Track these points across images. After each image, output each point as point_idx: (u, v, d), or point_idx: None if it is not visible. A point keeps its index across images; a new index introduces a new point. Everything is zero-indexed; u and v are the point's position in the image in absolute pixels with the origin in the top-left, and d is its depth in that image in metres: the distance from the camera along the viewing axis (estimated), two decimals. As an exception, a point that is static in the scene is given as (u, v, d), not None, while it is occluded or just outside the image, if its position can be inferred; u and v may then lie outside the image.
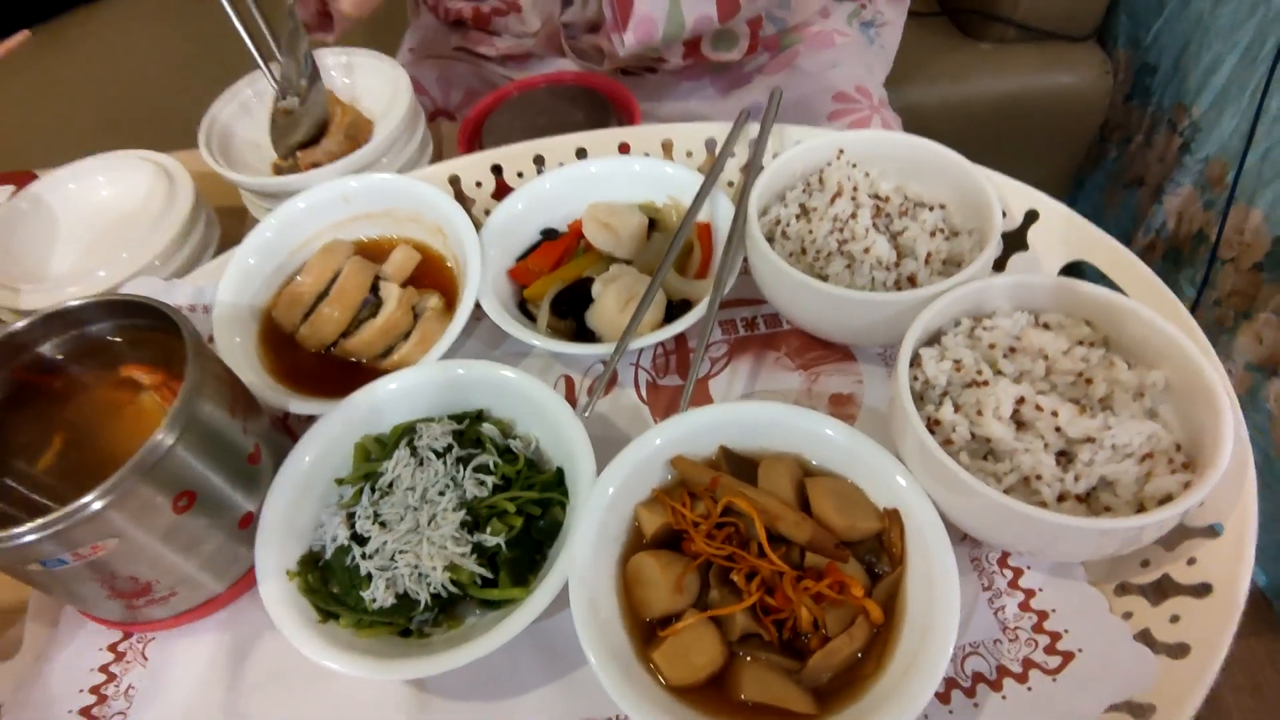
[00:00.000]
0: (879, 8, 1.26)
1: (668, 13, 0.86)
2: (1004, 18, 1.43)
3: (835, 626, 0.48)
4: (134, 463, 0.46)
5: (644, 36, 0.87)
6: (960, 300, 0.56)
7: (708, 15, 0.89)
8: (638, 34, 0.87)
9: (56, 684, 0.53)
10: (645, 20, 0.86)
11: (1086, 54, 1.45)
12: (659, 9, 0.85)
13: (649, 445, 0.55)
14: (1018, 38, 1.45)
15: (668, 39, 0.89)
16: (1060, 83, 1.46)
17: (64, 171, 0.78)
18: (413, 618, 0.52)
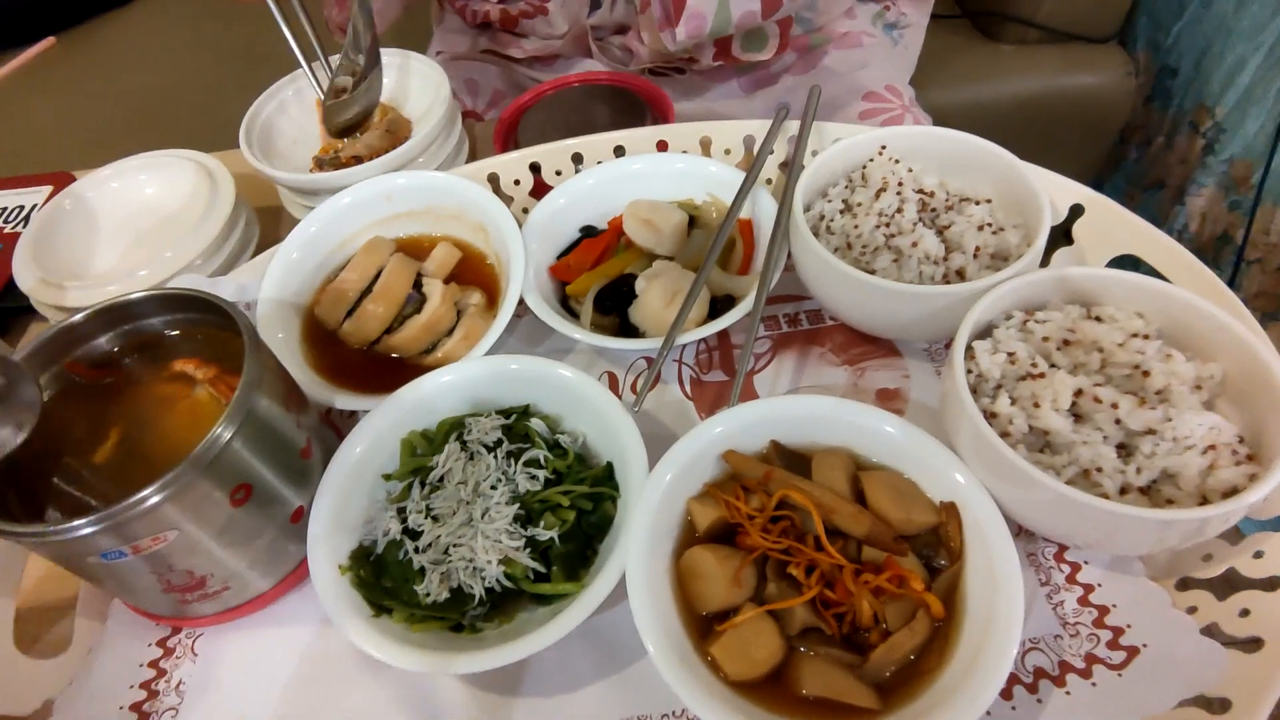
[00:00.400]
0: (902, 9, 1.26)
1: (716, 9, 0.88)
2: (1025, 19, 1.43)
3: (896, 621, 0.47)
4: (194, 456, 0.46)
5: (694, 31, 0.90)
6: (1012, 293, 0.56)
7: (752, 11, 0.91)
8: (688, 28, 0.90)
9: (107, 679, 0.53)
10: (695, 15, 0.88)
11: (1109, 55, 1.45)
12: (709, 5, 0.88)
13: (701, 439, 0.54)
14: (1039, 39, 1.45)
15: (715, 33, 0.92)
16: (1082, 84, 1.46)
17: (107, 170, 0.79)
18: (465, 612, 0.52)
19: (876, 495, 0.51)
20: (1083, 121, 1.51)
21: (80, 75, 1.71)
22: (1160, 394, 0.51)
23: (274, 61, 0.88)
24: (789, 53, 1.13)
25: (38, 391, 0.45)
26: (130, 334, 0.54)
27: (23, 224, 0.86)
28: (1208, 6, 1.38)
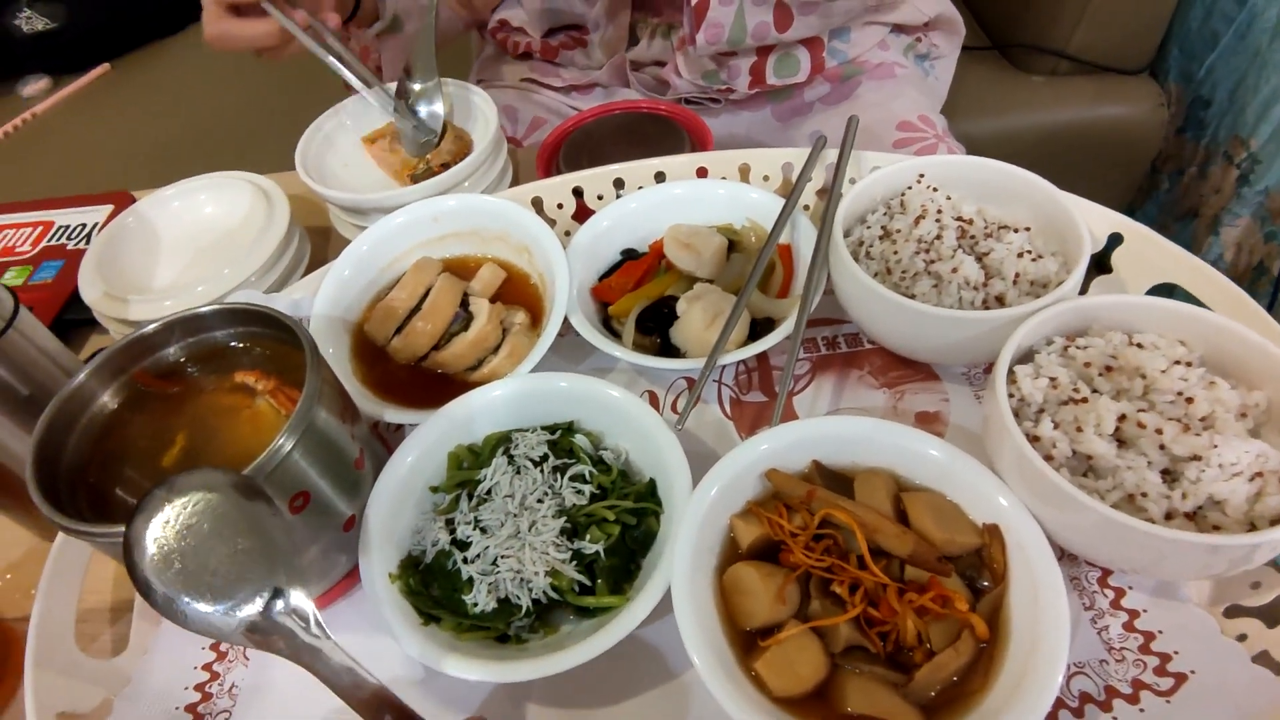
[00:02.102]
0: (934, 41, 1.28)
1: (733, 20, 0.96)
2: (1056, 51, 1.45)
3: (940, 641, 0.48)
4: (258, 464, 0.47)
5: (713, 38, 0.97)
6: (1053, 319, 0.57)
7: (765, 23, 0.97)
8: (707, 35, 0.96)
9: (164, 680, 0.55)
10: (714, 24, 0.95)
11: (1140, 86, 1.46)
12: (726, 16, 0.95)
13: (744, 457, 0.55)
14: (1070, 71, 1.47)
15: (732, 43, 0.98)
16: (1113, 115, 1.46)
17: (170, 190, 0.83)
18: (511, 623, 0.53)
19: (919, 515, 0.52)
20: (1114, 152, 1.51)
21: (134, 100, 1.78)
22: (1205, 420, 0.51)
23: (322, 87, 0.92)
24: (823, 83, 1.15)
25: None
26: (196, 345, 0.56)
27: (84, 241, 0.89)
28: (1242, 38, 1.38)
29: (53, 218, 0.92)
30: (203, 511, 0.42)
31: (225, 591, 0.42)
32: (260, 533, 0.43)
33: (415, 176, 0.87)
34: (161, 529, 0.41)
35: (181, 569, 0.41)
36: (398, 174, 0.90)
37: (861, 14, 1.12)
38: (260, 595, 0.42)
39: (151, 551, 0.41)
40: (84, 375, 0.52)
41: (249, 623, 0.42)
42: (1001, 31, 1.56)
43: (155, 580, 0.41)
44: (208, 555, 0.42)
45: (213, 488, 0.43)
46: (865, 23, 1.15)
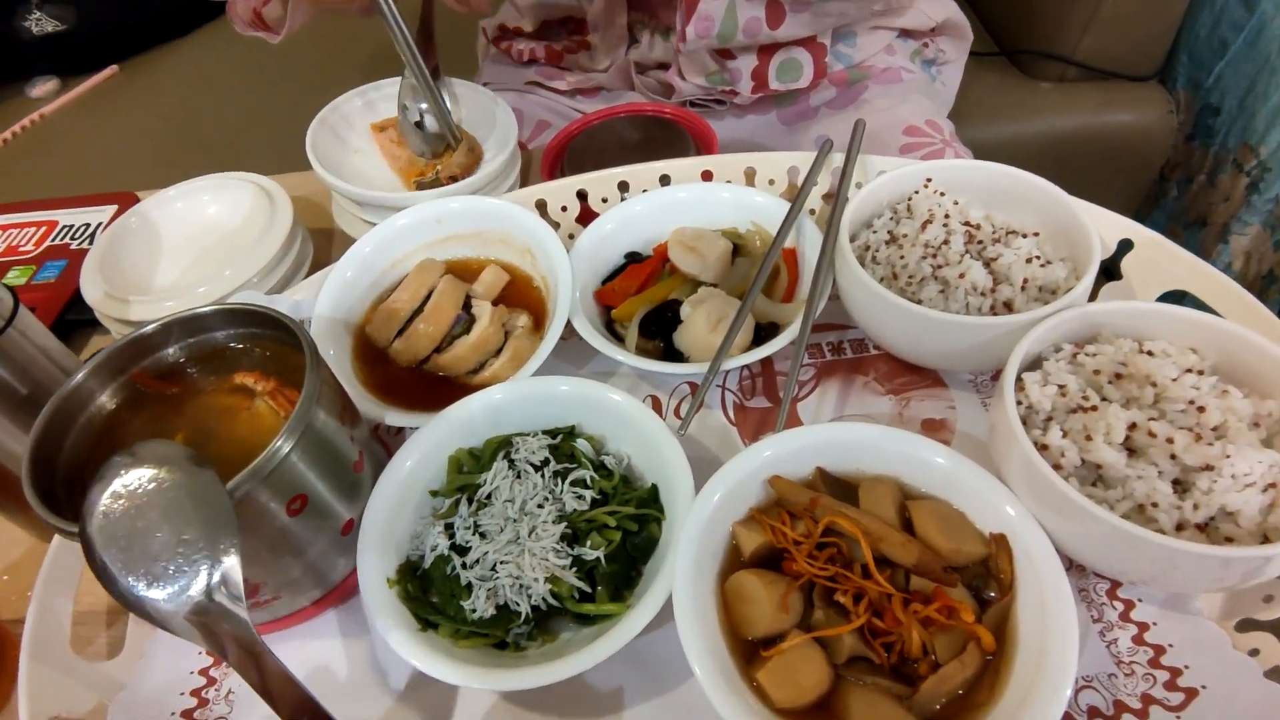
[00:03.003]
0: (941, 46, 1.27)
1: (724, 13, 0.96)
2: (1064, 58, 1.44)
3: (945, 652, 0.47)
4: (255, 466, 0.47)
5: (703, 31, 0.97)
6: (1062, 325, 0.56)
7: (757, 18, 0.97)
8: (697, 28, 0.96)
9: (160, 685, 0.54)
10: (704, 17, 0.96)
11: (1149, 93, 1.45)
12: (717, 10, 0.96)
13: (747, 464, 0.55)
14: (1078, 77, 1.46)
15: (723, 37, 0.98)
16: (1122, 122, 1.46)
17: (173, 191, 0.82)
18: (510, 630, 0.52)
19: (925, 524, 0.51)
20: (1122, 159, 1.50)
21: (141, 101, 1.78)
22: (1217, 430, 0.51)
23: (326, 89, 0.91)
24: (829, 87, 1.14)
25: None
26: (196, 346, 0.56)
27: (88, 241, 0.89)
28: (1252, 46, 1.38)
29: (57, 218, 0.92)
30: (154, 491, 0.42)
31: (166, 578, 0.42)
32: (203, 510, 0.43)
33: (421, 184, 0.87)
34: (110, 507, 0.42)
35: (128, 550, 0.41)
36: (403, 170, 0.89)
37: (865, 18, 1.11)
38: (199, 582, 0.42)
39: (100, 526, 0.41)
40: (82, 375, 0.52)
41: (194, 605, 0.42)
42: (1009, 38, 1.55)
43: (108, 561, 0.41)
44: (152, 538, 0.42)
45: (168, 462, 0.43)
46: (872, 27, 1.14)
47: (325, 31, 1.76)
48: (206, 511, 0.43)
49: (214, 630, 0.41)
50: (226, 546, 0.42)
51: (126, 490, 0.42)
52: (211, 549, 0.42)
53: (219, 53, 1.92)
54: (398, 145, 0.90)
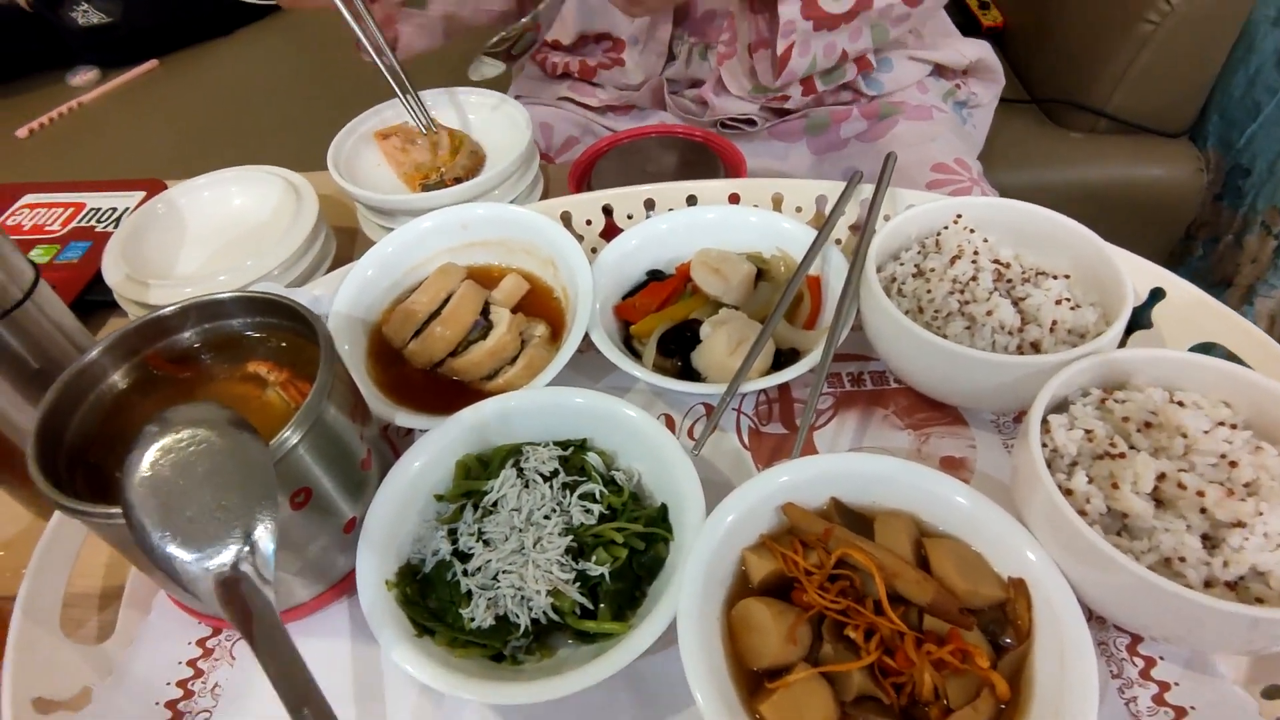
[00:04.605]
0: (973, 89, 1.28)
1: (812, 60, 0.99)
2: (1096, 109, 1.44)
3: (958, 698, 0.45)
4: (262, 454, 0.46)
5: (789, 76, 1.01)
6: (1091, 369, 0.55)
7: (834, 43, 0.99)
8: (785, 78, 1.00)
9: (146, 674, 0.53)
10: (791, 72, 0.99)
11: (1179, 150, 1.45)
12: (802, 64, 0.99)
13: (761, 488, 0.53)
14: (1109, 129, 1.46)
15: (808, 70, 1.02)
16: (1151, 176, 1.45)
17: (202, 180, 0.83)
18: (508, 642, 0.51)
19: (942, 563, 0.50)
20: (1149, 214, 1.49)
21: (177, 96, 1.82)
22: (1249, 486, 0.49)
23: (357, 97, 0.92)
24: (859, 119, 1.15)
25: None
26: (212, 332, 0.55)
27: (113, 225, 0.90)
28: (1285, 110, 1.37)
29: (84, 200, 0.93)
30: (196, 452, 0.42)
31: (201, 539, 0.41)
32: (244, 473, 0.42)
33: (426, 186, 0.87)
34: (154, 465, 0.41)
35: (166, 507, 0.40)
36: (407, 176, 0.90)
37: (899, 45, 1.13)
38: (232, 547, 0.41)
39: (141, 484, 0.41)
40: (96, 352, 0.51)
41: (219, 576, 0.41)
42: (1040, 86, 1.55)
43: (142, 516, 0.40)
44: (191, 499, 0.41)
45: (208, 423, 0.43)
46: (908, 56, 1.15)
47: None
48: (247, 478, 0.42)
49: (236, 601, 0.40)
50: (263, 516, 0.41)
51: (175, 447, 0.42)
52: (248, 517, 0.41)
53: (256, 55, 1.96)
54: (401, 151, 0.90)
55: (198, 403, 0.47)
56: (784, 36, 0.94)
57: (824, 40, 0.97)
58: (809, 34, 0.95)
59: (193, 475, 0.43)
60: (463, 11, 1.09)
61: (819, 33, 0.96)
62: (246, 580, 0.42)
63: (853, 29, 0.99)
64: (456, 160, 0.84)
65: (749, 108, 1.13)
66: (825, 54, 1.00)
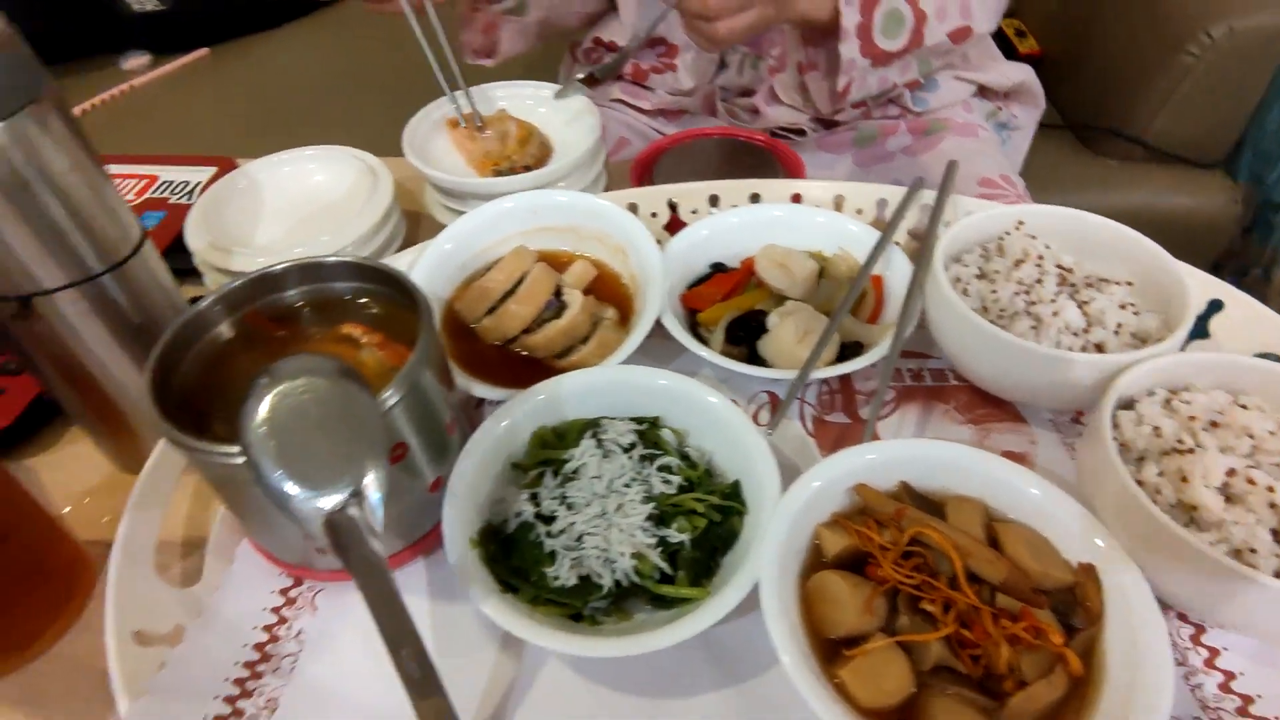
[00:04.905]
0: (1013, 111, 1.31)
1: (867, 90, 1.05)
2: (1133, 137, 1.47)
3: (1032, 672, 0.47)
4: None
5: (844, 103, 1.05)
6: (1158, 371, 0.57)
7: (885, 76, 1.03)
8: (840, 104, 1.05)
9: (234, 617, 0.55)
10: (849, 100, 1.04)
11: (1214, 181, 1.47)
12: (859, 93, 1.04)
13: (835, 469, 0.55)
14: (1144, 158, 1.48)
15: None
16: (1183, 205, 1.48)
17: (283, 155, 0.86)
18: (588, 602, 0.52)
19: (1013, 545, 0.51)
20: (1180, 243, 1.47)
21: (227, 83, 1.86)
22: (1315, 485, 0.51)
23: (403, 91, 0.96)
24: (906, 134, 1.17)
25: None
26: (313, 293, 0.58)
27: (186, 197, 0.92)
28: (1318, 147, 1.40)
29: (157, 173, 0.96)
30: (311, 398, 0.44)
31: (315, 479, 0.43)
32: (357, 424, 0.45)
33: (498, 172, 0.90)
34: (272, 408, 0.43)
35: (284, 445, 0.43)
36: (477, 163, 0.92)
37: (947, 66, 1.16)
38: (343, 490, 0.43)
39: (260, 425, 0.43)
40: (207, 303, 0.53)
41: (330, 516, 0.43)
42: (1076, 113, 1.58)
43: (260, 455, 0.42)
44: (307, 441, 0.43)
45: (320, 373, 0.45)
46: (954, 76, 1.18)
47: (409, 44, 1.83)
48: (358, 427, 0.44)
49: (343, 541, 0.42)
50: (372, 465, 0.43)
51: (292, 392, 0.44)
52: (359, 464, 0.43)
53: (307, 47, 2.00)
54: (470, 139, 0.93)
55: (310, 353, 0.49)
56: (844, 74, 0.98)
57: (878, 74, 1.02)
58: (866, 70, 0.99)
59: (308, 419, 0.45)
60: (555, 15, 1.14)
61: (875, 69, 1.00)
62: (354, 523, 0.44)
63: (904, 63, 1.03)
64: (527, 150, 0.87)
65: (800, 118, 1.15)
66: (879, 85, 1.04)
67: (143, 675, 0.49)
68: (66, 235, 0.53)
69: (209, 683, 0.51)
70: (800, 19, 0.94)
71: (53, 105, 0.49)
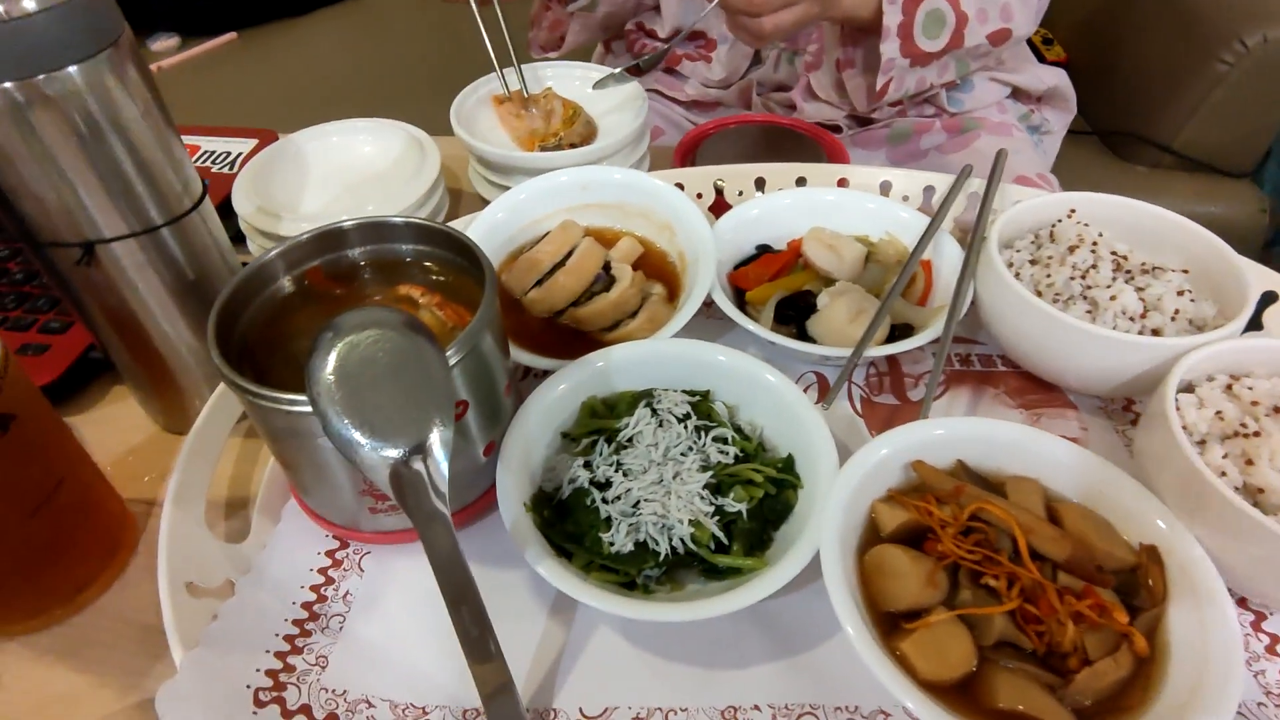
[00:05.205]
0: (1045, 114, 1.30)
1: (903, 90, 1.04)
2: (1162, 144, 1.47)
3: (1096, 650, 0.46)
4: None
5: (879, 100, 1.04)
6: (1218, 355, 0.56)
7: (923, 76, 1.03)
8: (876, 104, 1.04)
9: (281, 575, 0.54)
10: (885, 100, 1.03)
11: (1242, 190, 1.47)
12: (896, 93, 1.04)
13: (891, 444, 0.55)
14: (1173, 165, 1.48)
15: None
16: (1213, 214, 1.47)
17: (331, 125, 0.86)
18: (642, 570, 0.52)
19: (1076, 524, 0.51)
20: (1207, 251, 1.51)
21: (255, 66, 1.87)
22: (1382, 472, 0.50)
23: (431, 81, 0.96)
24: (939, 131, 1.17)
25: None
26: (376, 252, 0.57)
27: (228, 166, 0.92)
28: (1346, 160, 1.40)
29: (200, 143, 0.96)
30: (381, 348, 0.44)
31: (383, 430, 0.43)
32: (424, 377, 0.45)
33: (545, 148, 0.90)
34: (341, 358, 0.43)
35: (353, 394, 0.43)
36: (522, 140, 0.92)
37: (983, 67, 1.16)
38: (410, 442, 0.44)
39: (331, 373, 0.43)
40: (273, 255, 0.53)
41: (392, 466, 0.43)
42: (1103, 120, 1.59)
43: (328, 404, 0.42)
44: (375, 391, 0.43)
45: (389, 325, 0.45)
46: (989, 78, 1.18)
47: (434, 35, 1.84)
48: (426, 379, 0.44)
49: (409, 495, 0.42)
50: (439, 421, 0.43)
51: (362, 342, 0.44)
52: (426, 417, 0.43)
53: (335, 33, 2.01)
54: (515, 117, 0.93)
55: (378, 306, 0.49)
56: (883, 73, 0.98)
57: (916, 75, 1.02)
58: (905, 70, 0.99)
59: (377, 370, 0.45)
60: (618, 8, 1.16)
61: (914, 69, 1.00)
62: (420, 477, 0.44)
63: (942, 64, 1.03)
64: (574, 128, 0.87)
65: (836, 115, 1.15)
66: (916, 85, 1.04)
67: (194, 626, 0.49)
68: (132, 184, 0.52)
69: (260, 636, 0.50)
70: (844, 16, 0.94)
71: (129, 50, 0.49)
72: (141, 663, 0.53)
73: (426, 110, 0.95)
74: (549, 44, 1.21)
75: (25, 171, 0.48)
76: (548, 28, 1.18)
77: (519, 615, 0.53)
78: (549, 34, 1.19)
